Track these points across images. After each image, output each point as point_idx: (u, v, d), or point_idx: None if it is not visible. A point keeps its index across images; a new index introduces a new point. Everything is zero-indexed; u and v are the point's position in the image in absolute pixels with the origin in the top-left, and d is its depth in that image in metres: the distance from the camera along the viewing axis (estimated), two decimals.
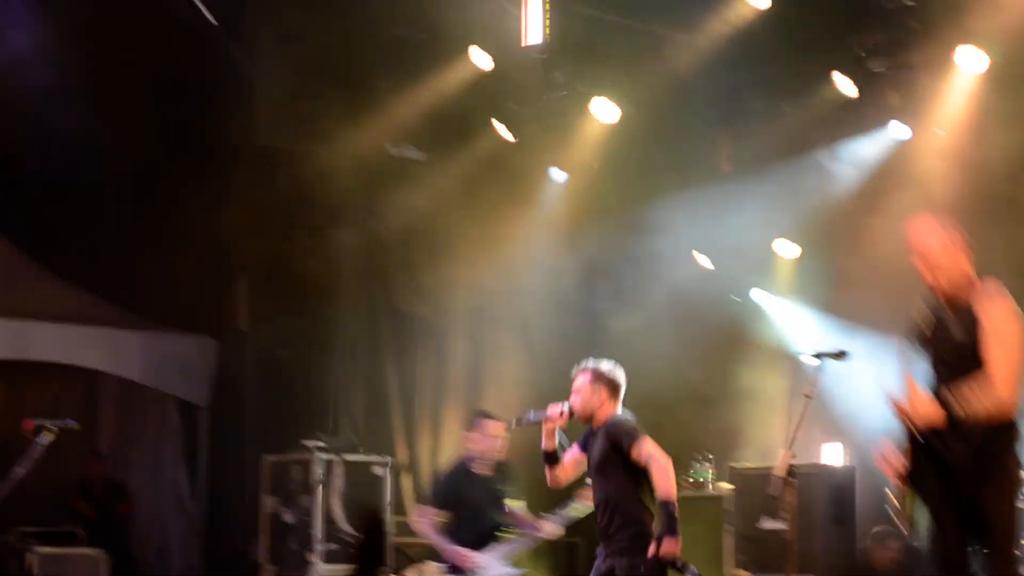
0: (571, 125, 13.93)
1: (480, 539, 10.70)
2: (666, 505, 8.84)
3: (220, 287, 14.76)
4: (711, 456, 13.09)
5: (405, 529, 12.92)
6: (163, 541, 15.11)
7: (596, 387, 9.30)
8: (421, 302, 14.98)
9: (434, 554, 11.12)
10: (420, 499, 13.54)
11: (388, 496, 13.37)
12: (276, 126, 14.25)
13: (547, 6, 12.70)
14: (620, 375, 9.34)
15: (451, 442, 14.75)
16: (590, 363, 9.37)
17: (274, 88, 14.24)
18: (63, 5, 13.51)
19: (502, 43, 13.21)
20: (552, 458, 9.33)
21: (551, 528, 10.92)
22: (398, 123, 14.12)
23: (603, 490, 9.24)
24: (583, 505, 10.09)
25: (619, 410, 9.31)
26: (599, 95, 13.45)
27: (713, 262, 13.94)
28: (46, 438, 10.36)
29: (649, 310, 13.90)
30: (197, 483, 14.94)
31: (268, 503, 13.38)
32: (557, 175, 14.62)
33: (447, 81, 13.62)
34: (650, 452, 8.95)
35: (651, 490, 8.95)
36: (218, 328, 14.88)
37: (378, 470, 13.35)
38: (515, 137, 14.19)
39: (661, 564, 8.72)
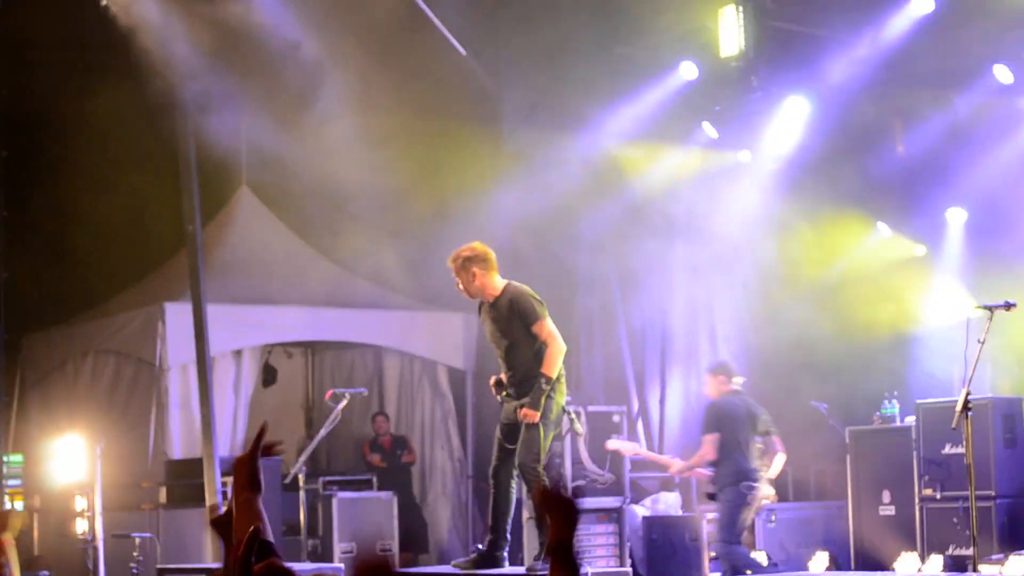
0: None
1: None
2: (543, 378, 9.75)
3: None
4: (896, 393, 14.06)
5: (639, 466, 14.44)
6: (440, 484, 16.65)
7: (466, 271, 9.92)
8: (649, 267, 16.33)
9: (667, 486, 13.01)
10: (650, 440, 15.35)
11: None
12: (520, 135, 15.99)
13: (741, 22, 13.89)
14: (490, 251, 9.86)
15: (675, 393, 16.52)
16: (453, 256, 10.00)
17: (515, 101, 16.11)
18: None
19: (705, 54, 14.60)
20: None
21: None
22: (621, 126, 15.70)
23: (505, 350, 9.99)
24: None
25: (501, 280, 9.96)
26: (792, 95, 15.03)
27: None
28: (342, 403, 12.27)
29: None
30: (465, 435, 16.60)
31: None
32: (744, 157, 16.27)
33: (661, 89, 15.22)
34: (551, 332, 9.81)
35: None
36: None
37: (616, 418, 14.25)
38: (720, 134, 15.81)
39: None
